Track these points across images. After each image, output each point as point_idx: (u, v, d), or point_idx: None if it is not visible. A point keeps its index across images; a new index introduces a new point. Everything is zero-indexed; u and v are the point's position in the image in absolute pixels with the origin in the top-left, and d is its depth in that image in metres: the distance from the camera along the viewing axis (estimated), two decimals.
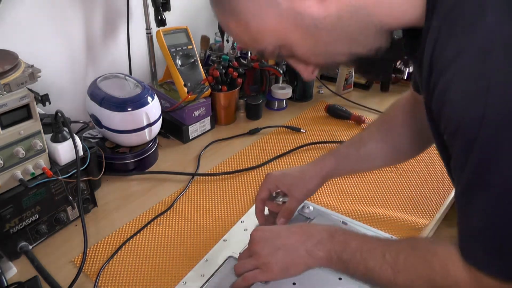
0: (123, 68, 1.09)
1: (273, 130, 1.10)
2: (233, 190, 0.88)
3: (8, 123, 0.62)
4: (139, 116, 0.86)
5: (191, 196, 0.86)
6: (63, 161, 0.72)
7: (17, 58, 0.67)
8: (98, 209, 0.83)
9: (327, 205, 0.83)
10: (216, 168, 0.95)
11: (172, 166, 0.95)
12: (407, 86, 1.34)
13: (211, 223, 0.79)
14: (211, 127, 1.09)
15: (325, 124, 1.14)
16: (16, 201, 0.67)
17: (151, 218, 0.80)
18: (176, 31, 1.03)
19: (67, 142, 0.72)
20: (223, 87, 1.07)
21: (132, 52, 1.08)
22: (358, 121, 1.13)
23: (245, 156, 0.99)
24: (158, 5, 0.99)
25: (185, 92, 1.00)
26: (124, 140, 0.89)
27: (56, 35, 0.95)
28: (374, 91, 1.33)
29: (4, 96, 0.61)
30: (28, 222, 0.70)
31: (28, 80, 0.65)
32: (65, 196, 0.74)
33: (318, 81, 1.34)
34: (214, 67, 1.07)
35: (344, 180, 0.92)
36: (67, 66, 1.00)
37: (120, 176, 0.91)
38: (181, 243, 0.75)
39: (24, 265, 0.69)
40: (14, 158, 0.64)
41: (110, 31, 1.07)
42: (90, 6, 0.99)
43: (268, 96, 1.20)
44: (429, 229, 0.80)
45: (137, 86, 0.91)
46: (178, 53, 1.02)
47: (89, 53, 1.04)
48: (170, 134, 1.06)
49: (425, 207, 0.84)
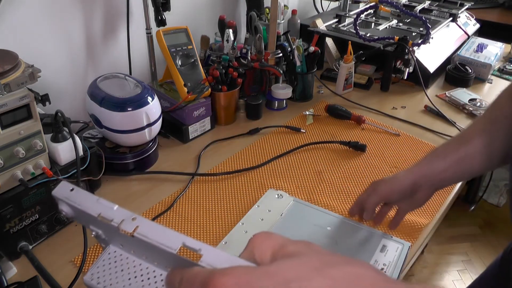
0: (123, 68, 1.09)
1: (273, 130, 1.10)
2: (233, 190, 0.88)
3: (8, 123, 0.62)
4: (139, 116, 0.86)
5: (191, 196, 0.86)
6: (63, 161, 0.72)
7: (17, 58, 0.67)
8: None
9: (327, 205, 0.83)
10: (216, 168, 0.95)
11: (172, 166, 0.95)
12: (407, 86, 1.34)
13: (211, 223, 0.79)
14: (211, 127, 1.09)
15: (325, 124, 1.14)
16: (16, 201, 0.67)
17: (151, 218, 0.80)
18: (176, 31, 1.03)
19: (67, 142, 0.72)
20: (223, 87, 1.07)
21: (132, 52, 1.08)
22: (358, 121, 1.13)
23: (245, 156, 0.99)
24: (158, 5, 0.99)
25: (185, 92, 1.00)
26: (124, 140, 0.89)
27: (56, 35, 0.95)
28: (374, 91, 1.33)
29: (4, 96, 0.61)
30: (28, 222, 0.70)
31: (28, 80, 0.65)
32: None
33: (318, 81, 1.34)
34: (214, 67, 1.07)
35: (344, 180, 0.92)
36: (67, 66, 1.00)
37: (120, 176, 0.91)
38: None
39: (24, 265, 0.68)
40: (14, 158, 0.64)
41: (110, 31, 1.07)
42: (90, 6, 0.99)
43: (268, 96, 1.20)
44: (429, 229, 0.80)
45: (137, 86, 0.91)
46: (178, 53, 1.02)
47: (89, 53, 1.04)
48: (170, 134, 1.06)
49: (425, 207, 0.84)
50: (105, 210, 0.34)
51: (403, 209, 0.69)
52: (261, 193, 0.86)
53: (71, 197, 0.35)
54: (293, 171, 0.95)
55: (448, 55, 1.42)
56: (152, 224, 0.33)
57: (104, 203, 0.34)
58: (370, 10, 1.59)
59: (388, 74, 1.30)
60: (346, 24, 1.51)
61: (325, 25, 1.46)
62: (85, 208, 0.34)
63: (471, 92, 1.30)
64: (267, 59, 1.18)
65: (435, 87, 1.36)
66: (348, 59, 1.26)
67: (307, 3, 1.69)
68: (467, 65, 1.38)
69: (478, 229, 2.13)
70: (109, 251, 0.38)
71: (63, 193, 0.35)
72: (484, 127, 0.61)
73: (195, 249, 0.32)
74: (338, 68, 1.30)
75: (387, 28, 1.48)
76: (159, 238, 0.32)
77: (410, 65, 1.26)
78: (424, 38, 1.31)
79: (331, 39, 1.45)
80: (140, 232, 0.32)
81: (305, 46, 1.22)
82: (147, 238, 0.32)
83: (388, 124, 1.13)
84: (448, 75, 1.39)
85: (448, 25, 1.52)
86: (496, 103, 0.63)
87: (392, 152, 1.02)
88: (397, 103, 1.25)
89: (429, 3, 1.66)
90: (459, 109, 1.23)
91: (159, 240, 0.32)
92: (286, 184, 0.90)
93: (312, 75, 1.24)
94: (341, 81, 1.28)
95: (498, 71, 1.47)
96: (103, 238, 0.38)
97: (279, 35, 1.24)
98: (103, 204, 0.34)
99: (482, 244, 2.03)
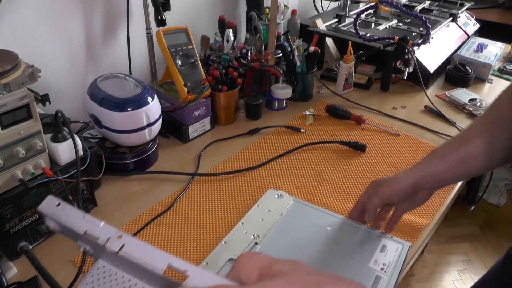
0: (123, 68, 1.09)
1: (273, 130, 1.10)
2: (233, 190, 0.88)
3: (8, 123, 0.62)
4: (139, 116, 0.86)
5: (191, 196, 0.86)
6: (63, 161, 0.72)
7: (17, 58, 0.67)
8: (98, 209, 0.83)
9: (327, 205, 0.83)
10: (216, 168, 0.95)
11: (172, 166, 0.95)
12: (407, 86, 1.34)
13: (211, 223, 0.79)
14: (211, 127, 1.09)
15: (325, 124, 1.14)
16: (16, 201, 0.67)
17: (151, 218, 0.80)
18: (176, 31, 1.03)
19: (67, 142, 0.72)
20: (223, 87, 1.07)
21: (132, 52, 1.08)
22: (358, 121, 1.13)
23: (245, 156, 0.99)
24: (158, 5, 0.99)
25: (185, 92, 1.00)
26: (124, 140, 0.89)
27: (56, 35, 0.95)
28: (374, 91, 1.33)
29: (4, 96, 0.61)
30: (28, 222, 0.70)
31: (28, 80, 0.65)
32: (65, 196, 0.74)
33: (318, 81, 1.34)
34: (214, 67, 1.07)
35: (344, 180, 0.92)
36: (67, 66, 1.00)
37: (120, 176, 0.91)
38: (181, 244, 0.75)
39: (24, 265, 0.68)
40: (14, 158, 0.64)
41: (110, 31, 1.07)
42: (90, 6, 0.99)
43: (268, 96, 1.20)
44: (429, 229, 0.80)
45: (137, 86, 0.91)
46: (178, 53, 1.02)
47: (89, 53, 1.04)
48: (170, 134, 1.06)
49: (425, 207, 0.84)
50: (91, 227, 0.34)
51: (402, 209, 0.69)
52: (261, 193, 0.86)
53: (57, 213, 0.35)
54: (293, 171, 0.95)
55: (448, 55, 1.42)
56: (138, 242, 0.33)
57: (90, 219, 0.34)
58: (370, 10, 1.59)
59: (388, 74, 1.30)
60: (346, 24, 1.51)
61: (325, 25, 1.46)
62: (71, 225, 0.34)
63: (471, 92, 1.30)
64: (267, 59, 1.18)
65: (435, 87, 1.36)
66: (348, 59, 1.26)
67: (307, 3, 1.69)
68: (467, 65, 1.38)
69: (478, 229, 2.12)
70: (98, 266, 0.38)
71: (49, 208, 0.35)
72: (484, 128, 0.61)
73: (181, 270, 0.31)
74: (338, 68, 1.30)
75: (387, 28, 1.48)
76: (145, 257, 0.32)
77: (410, 65, 1.26)
78: (424, 38, 1.31)
79: (331, 39, 1.45)
80: (125, 251, 0.32)
81: (305, 46, 1.22)
82: (133, 258, 0.32)
83: (388, 124, 1.13)
84: (448, 75, 1.39)
85: (448, 25, 1.52)
86: (497, 103, 0.63)
87: (392, 152, 1.02)
88: (397, 103, 1.25)
89: (429, 3, 1.66)
90: (459, 109, 1.23)
91: (145, 260, 0.32)
92: (286, 184, 0.90)
93: (312, 75, 1.24)
94: (341, 81, 1.28)
95: (498, 71, 1.47)
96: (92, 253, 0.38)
97: (279, 35, 1.24)
98: (90, 220, 0.34)
99: (482, 244, 2.03)
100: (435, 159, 0.63)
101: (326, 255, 0.68)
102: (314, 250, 0.69)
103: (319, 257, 0.68)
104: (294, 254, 0.68)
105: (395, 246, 0.70)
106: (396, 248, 0.69)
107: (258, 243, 0.71)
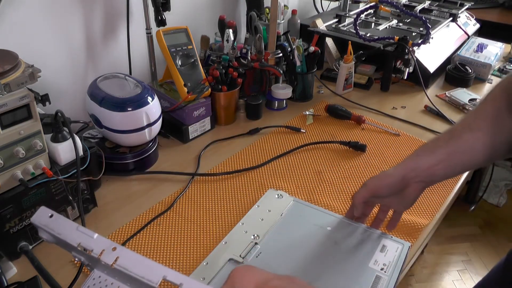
0: (123, 68, 1.09)
1: (273, 130, 1.10)
2: (233, 190, 0.88)
3: (8, 123, 0.62)
4: (139, 116, 0.86)
5: (191, 196, 0.86)
6: (63, 161, 0.72)
7: (17, 58, 0.67)
8: (98, 209, 0.83)
9: (327, 205, 0.83)
10: (216, 168, 0.95)
11: (172, 166, 0.95)
12: (407, 86, 1.34)
13: (211, 224, 0.79)
14: (211, 127, 1.09)
15: (325, 124, 1.14)
16: (16, 201, 0.67)
17: (151, 218, 0.80)
18: (176, 31, 1.03)
19: (67, 142, 0.72)
20: (223, 87, 1.07)
21: (132, 52, 1.08)
22: (358, 121, 1.13)
23: (245, 156, 0.99)
24: (158, 5, 0.99)
25: (185, 92, 1.00)
26: (124, 140, 0.89)
27: (56, 35, 0.95)
28: (374, 91, 1.33)
29: (4, 96, 0.61)
30: (28, 222, 0.70)
31: (28, 80, 0.65)
32: (65, 196, 0.74)
33: (318, 81, 1.34)
34: (214, 67, 1.07)
35: (344, 180, 0.92)
36: (67, 66, 1.00)
37: (120, 176, 0.91)
38: (181, 244, 0.75)
39: (24, 265, 0.68)
40: (14, 158, 0.64)
41: (110, 31, 1.07)
42: (90, 6, 0.99)
43: (268, 96, 1.20)
44: (429, 229, 0.80)
45: (137, 86, 0.91)
46: (178, 53, 1.02)
47: (89, 53, 1.04)
48: (170, 134, 1.06)
49: (425, 207, 0.84)
50: (85, 239, 0.33)
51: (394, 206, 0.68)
52: (261, 193, 0.86)
53: (50, 225, 0.34)
54: (293, 171, 0.95)
55: (448, 55, 1.42)
56: (132, 255, 0.32)
57: (83, 231, 0.34)
58: (370, 10, 1.59)
59: (388, 74, 1.30)
60: (346, 24, 1.51)
61: (325, 25, 1.46)
62: (65, 237, 0.33)
63: (471, 92, 1.30)
64: (267, 59, 1.18)
65: (435, 87, 1.36)
66: (348, 59, 1.26)
67: (307, 3, 1.69)
68: (467, 65, 1.38)
69: (478, 229, 2.12)
70: (93, 276, 0.37)
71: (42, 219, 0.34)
72: (475, 122, 0.60)
73: (176, 283, 0.31)
74: (338, 68, 1.30)
75: (387, 28, 1.48)
76: (140, 270, 0.31)
77: (410, 65, 1.26)
78: (424, 38, 1.31)
79: (331, 39, 1.45)
80: (120, 264, 0.32)
81: (305, 46, 1.22)
82: (127, 270, 0.31)
83: (388, 124, 1.13)
84: (448, 75, 1.39)
85: (448, 25, 1.52)
86: (489, 97, 0.62)
87: (392, 152, 1.02)
88: (397, 103, 1.25)
89: (429, 3, 1.66)
90: (459, 109, 1.23)
91: (139, 273, 0.31)
92: (286, 184, 0.90)
93: (312, 75, 1.24)
94: (341, 81, 1.28)
95: (498, 71, 1.47)
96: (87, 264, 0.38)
97: (279, 35, 1.24)
98: (83, 232, 0.34)
99: (482, 244, 2.03)
100: (424, 152, 0.62)
101: (326, 255, 0.68)
102: (314, 250, 0.69)
103: (319, 257, 0.67)
104: (294, 254, 0.68)
105: (395, 246, 0.70)
106: (396, 248, 0.69)
107: (258, 243, 0.70)
